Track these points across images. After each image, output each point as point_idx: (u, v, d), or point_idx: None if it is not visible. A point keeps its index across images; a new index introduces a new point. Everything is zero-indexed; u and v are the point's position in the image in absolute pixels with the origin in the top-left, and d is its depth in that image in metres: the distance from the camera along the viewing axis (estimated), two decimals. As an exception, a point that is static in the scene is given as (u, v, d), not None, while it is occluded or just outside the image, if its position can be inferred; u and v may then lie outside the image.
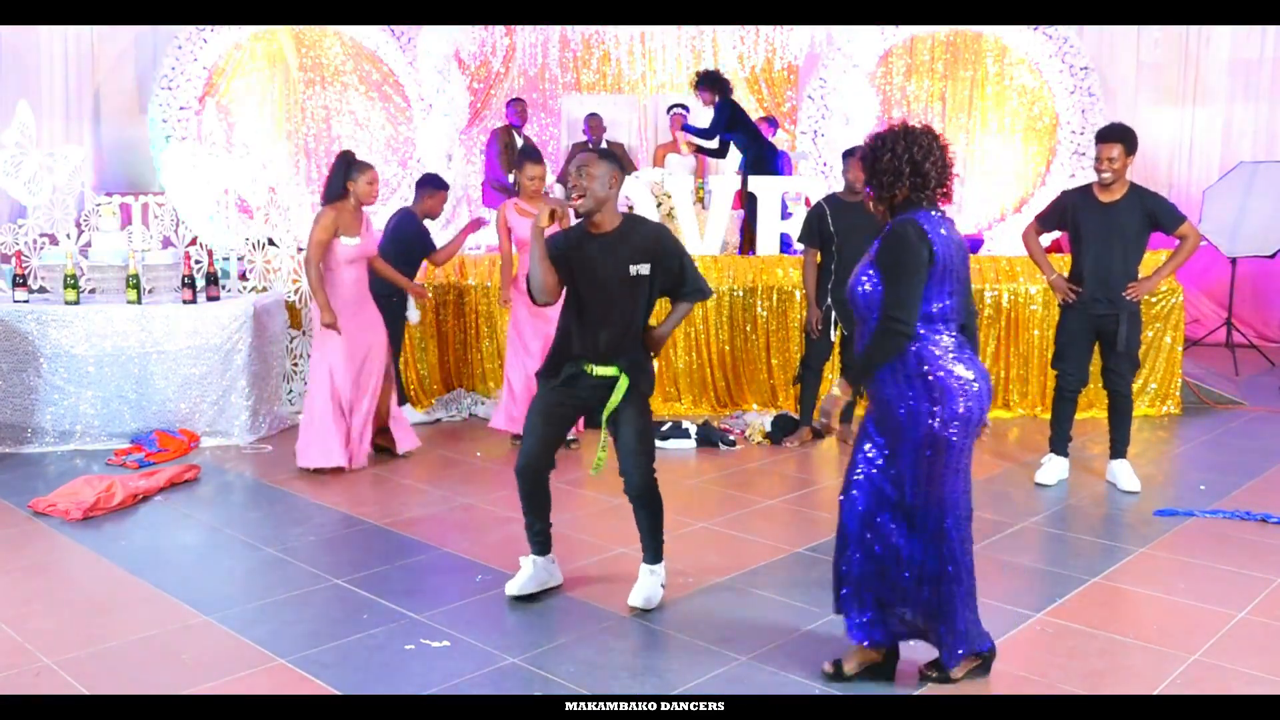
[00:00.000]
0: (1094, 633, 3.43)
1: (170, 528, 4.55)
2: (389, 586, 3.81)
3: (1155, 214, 4.91)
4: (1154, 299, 6.70)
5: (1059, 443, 5.29)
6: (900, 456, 2.90)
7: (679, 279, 3.57)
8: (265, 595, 3.75)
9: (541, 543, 3.73)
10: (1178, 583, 3.90)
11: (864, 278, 2.89)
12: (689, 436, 5.93)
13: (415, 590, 3.79)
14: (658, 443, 5.91)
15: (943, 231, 2.87)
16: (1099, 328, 5.04)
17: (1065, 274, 5.16)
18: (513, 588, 3.70)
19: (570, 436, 5.69)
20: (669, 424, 6.09)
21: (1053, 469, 5.26)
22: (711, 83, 8.05)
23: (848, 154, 5.86)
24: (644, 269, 3.48)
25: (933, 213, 2.91)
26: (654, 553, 3.66)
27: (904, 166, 2.87)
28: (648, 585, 3.63)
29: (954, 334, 2.92)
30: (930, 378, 2.84)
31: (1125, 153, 4.85)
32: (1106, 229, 4.93)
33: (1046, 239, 5.60)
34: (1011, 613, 3.59)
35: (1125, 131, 4.89)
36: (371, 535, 4.44)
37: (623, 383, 3.50)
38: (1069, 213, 5.06)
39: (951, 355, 2.88)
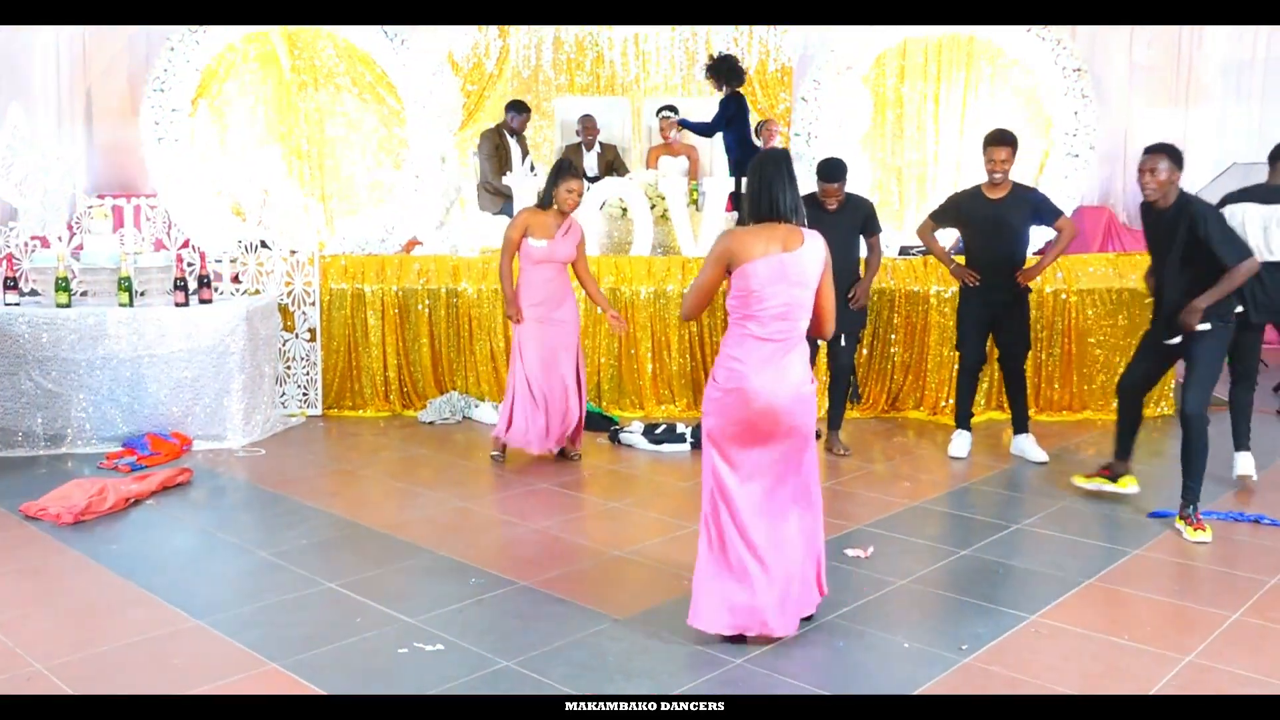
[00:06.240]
0: (1089, 634, 3.44)
1: (162, 531, 4.53)
2: (382, 590, 3.80)
3: (1036, 208, 5.58)
4: (1146, 301, 6.71)
5: (964, 419, 5.86)
6: None
7: None
8: (258, 599, 3.73)
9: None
10: (1172, 584, 3.91)
11: None
12: (684, 441, 5.93)
13: (409, 594, 3.78)
14: (652, 447, 5.97)
15: None
16: (994, 312, 5.65)
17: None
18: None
19: (574, 453, 5.73)
20: (663, 427, 6.10)
21: (962, 443, 5.82)
22: (721, 73, 7.99)
23: (828, 174, 5.57)
24: None
25: None
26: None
27: None
28: None
29: None
30: None
31: (1012, 154, 5.51)
32: (995, 223, 5.54)
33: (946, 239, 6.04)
34: (1006, 615, 3.59)
35: (1013, 136, 5.54)
36: (365, 538, 4.43)
37: None
38: (961, 210, 5.71)
39: None
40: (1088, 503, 4.94)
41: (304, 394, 6.79)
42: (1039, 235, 7.33)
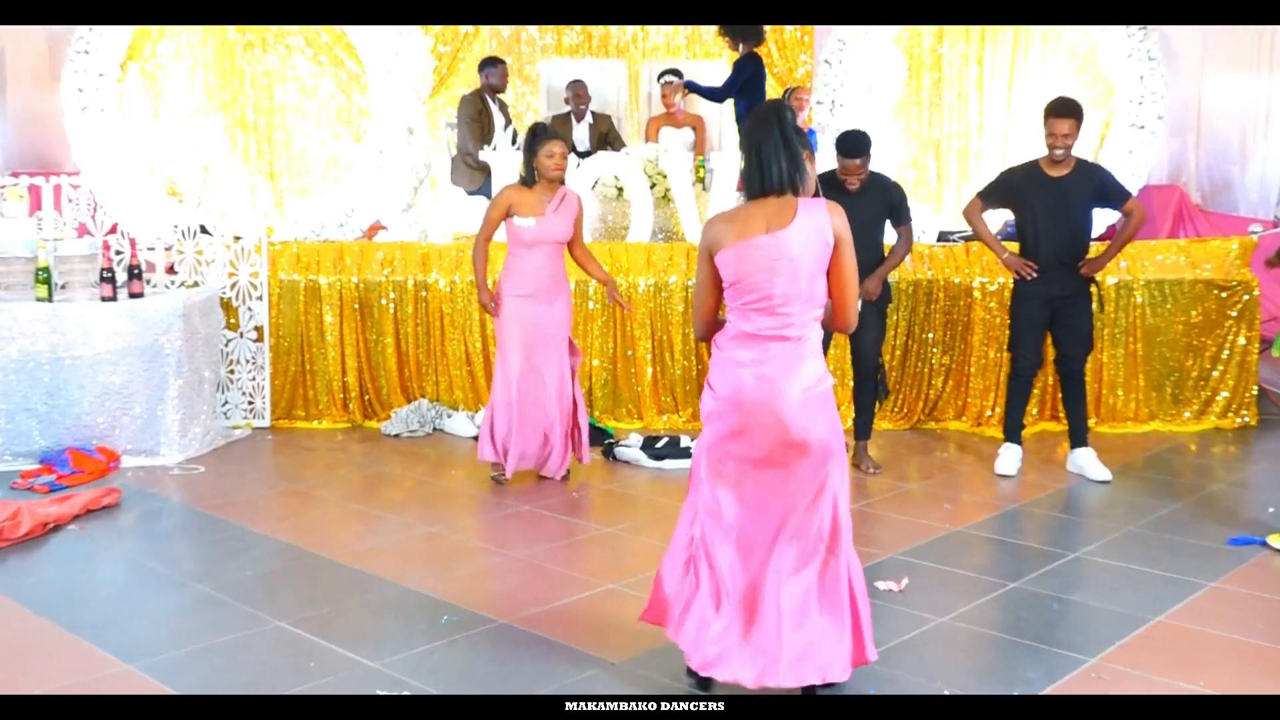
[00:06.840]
0: (1158, 680, 3.43)
1: (86, 562, 4.53)
2: (340, 629, 3.80)
3: (1102, 188, 5.59)
4: (1223, 294, 6.73)
5: (1014, 430, 5.84)
6: None
7: None
8: (196, 640, 3.73)
9: None
10: (1254, 622, 3.90)
11: None
12: (689, 455, 5.91)
13: (370, 633, 3.77)
14: (652, 463, 5.96)
15: None
16: (1053, 309, 5.64)
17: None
18: None
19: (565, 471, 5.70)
20: (665, 440, 6.09)
21: (1010, 458, 5.80)
22: (736, 29, 7.98)
23: (849, 148, 5.57)
24: None
25: None
26: None
27: None
28: None
29: None
30: None
31: (1077, 127, 5.48)
32: (1057, 205, 5.54)
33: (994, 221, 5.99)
34: (1062, 657, 3.58)
35: (1078, 106, 5.52)
36: (319, 570, 4.42)
37: None
38: (1017, 189, 5.68)
39: None
40: (1156, 529, 4.93)
41: (250, 402, 6.78)
42: (1098, 219, 7.33)
